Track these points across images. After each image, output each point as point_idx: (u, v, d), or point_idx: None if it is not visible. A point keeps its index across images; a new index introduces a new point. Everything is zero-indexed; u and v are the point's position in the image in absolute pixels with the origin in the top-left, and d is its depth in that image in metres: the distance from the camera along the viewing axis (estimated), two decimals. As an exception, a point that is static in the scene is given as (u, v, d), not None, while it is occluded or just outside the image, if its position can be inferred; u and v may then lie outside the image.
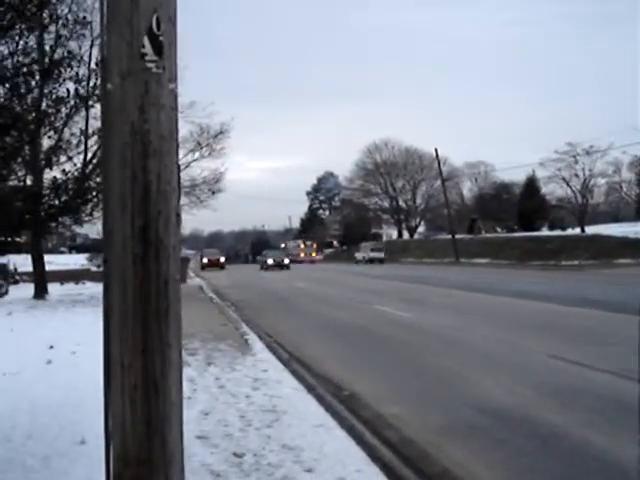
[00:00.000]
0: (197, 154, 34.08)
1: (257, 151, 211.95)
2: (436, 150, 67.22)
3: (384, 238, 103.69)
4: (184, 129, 32.23)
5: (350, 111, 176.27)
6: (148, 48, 2.91)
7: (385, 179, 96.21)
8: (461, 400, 8.39)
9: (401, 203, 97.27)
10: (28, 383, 8.85)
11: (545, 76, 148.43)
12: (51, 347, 11.86)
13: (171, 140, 3.01)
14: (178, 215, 3.08)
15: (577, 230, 65.31)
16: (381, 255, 69.59)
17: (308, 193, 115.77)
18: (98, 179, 18.12)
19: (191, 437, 6.37)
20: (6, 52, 7.43)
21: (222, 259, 69.78)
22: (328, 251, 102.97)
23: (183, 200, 34.90)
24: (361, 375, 10.20)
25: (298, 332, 15.37)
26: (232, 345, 12.63)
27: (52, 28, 13.62)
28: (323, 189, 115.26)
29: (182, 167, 32.87)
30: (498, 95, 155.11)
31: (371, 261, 67.93)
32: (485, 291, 24.21)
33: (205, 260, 68.93)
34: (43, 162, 19.02)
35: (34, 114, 8.32)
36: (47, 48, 12.56)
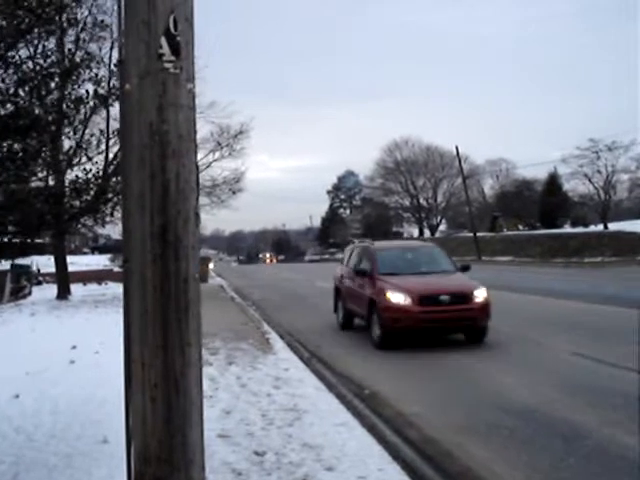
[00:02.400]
0: (217, 154, 34.17)
1: (278, 151, 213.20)
2: (457, 148, 66.80)
3: (405, 237, 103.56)
4: (204, 129, 32.36)
5: (371, 110, 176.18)
6: (165, 48, 2.92)
7: (406, 177, 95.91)
8: (484, 399, 8.36)
9: (422, 201, 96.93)
10: (51, 383, 8.92)
11: (567, 72, 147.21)
12: (74, 347, 11.94)
13: (189, 140, 3.02)
14: (197, 214, 3.09)
15: (600, 227, 64.62)
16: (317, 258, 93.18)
17: (329, 192, 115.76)
18: (119, 179, 18.25)
19: (212, 436, 6.40)
20: (25, 55, 7.51)
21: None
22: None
23: (204, 200, 35.07)
24: (382, 374, 10.18)
25: (318, 331, 15.37)
26: (253, 344, 12.65)
27: (71, 31, 13.75)
28: (344, 188, 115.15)
29: (203, 167, 33.05)
30: (519, 92, 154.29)
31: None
32: (508, 289, 23.99)
33: None
34: (64, 163, 19.17)
35: (54, 115, 8.38)
36: (66, 50, 12.68)
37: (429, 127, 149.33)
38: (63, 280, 26.03)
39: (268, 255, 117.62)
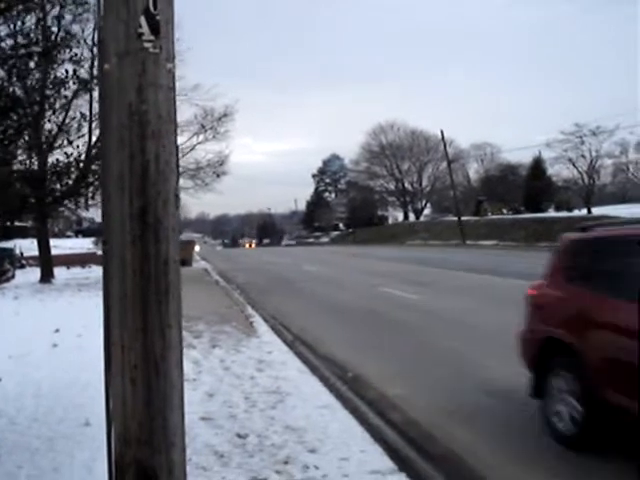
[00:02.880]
0: (201, 137, 33.94)
1: (263, 134, 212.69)
2: (442, 132, 67.06)
3: (390, 220, 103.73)
4: (188, 112, 32.15)
5: (355, 94, 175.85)
6: (145, 28, 2.89)
7: (391, 161, 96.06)
8: (467, 382, 8.41)
9: (407, 185, 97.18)
10: (34, 366, 8.89)
11: (552, 57, 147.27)
12: (57, 330, 11.90)
13: (169, 121, 2.98)
14: (177, 196, 3.06)
15: (584, 211, 64.98)
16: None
17: (314, 176, 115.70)
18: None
19: (195, 418, 6.41)
20: (3, 33, 7.36)
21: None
22: (334, 234, 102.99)
23: (187, 183, 34.86)
24: (366, 357, 10.21)
25: (304, 314, 15.38)
26: (237, 327, 12.66)
27: (52, 10, 13.53)
28: (329, 172, 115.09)
29: (187, 150, 32.85)
30: (504, 76, 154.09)
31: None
32: (492, 272, 24.16)
33: None
34: (45, 146, 18.98)
35: (35, 96, 8.26)
36: (47, 30, 12.43)
37: (414, 111, 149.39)
38: (46, 263, 25.89)
39: (247, 240, 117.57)
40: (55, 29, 14.46)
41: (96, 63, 17.11)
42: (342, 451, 5.55)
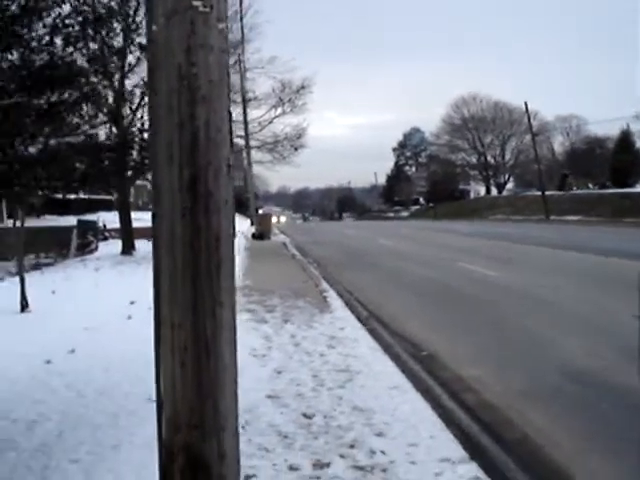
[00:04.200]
0: (279, 110, 33.93)
1: (346, 107, 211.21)
2: (526, 104, 65.10)
3: (471, 195, 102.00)
4: (266, 85, 32.20)
5: (438, 65, 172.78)
6: (194, -15, 2.68)
7: (473, 134, 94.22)
8: (545, 363, 8.03)
9: (489, 159, 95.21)
10: (107, 338, 8.97)
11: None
12: (132, 302, 12.02)
13: (221, 85, 2.78)
14: (229, 166, 2.86)
15: (675, 186, 62.31)
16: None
17: (394, 149, 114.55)
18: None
19: (262, 396, 6.30)
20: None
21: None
22: (414, 208, 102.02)
23: (266, 157, 34.94)
24: (442, 335, 9.93)
25: (378, 290, 15.14)
26: (311, 302, 12.53)
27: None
28: (409, 145, 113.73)
29: (265, 123, 32.90)
30: (592, 46, 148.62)
31: None
32: (576, 249, 23.31)
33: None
34: (106, 116, 18.88)
35: (93, 66, 8.18)
36: None
37: (498, 82, 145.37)
38: (128, 236, 26.39)
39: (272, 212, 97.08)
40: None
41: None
42: (411, 436, 5.31)
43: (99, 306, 11.91)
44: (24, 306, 11.95)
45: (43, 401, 6.23)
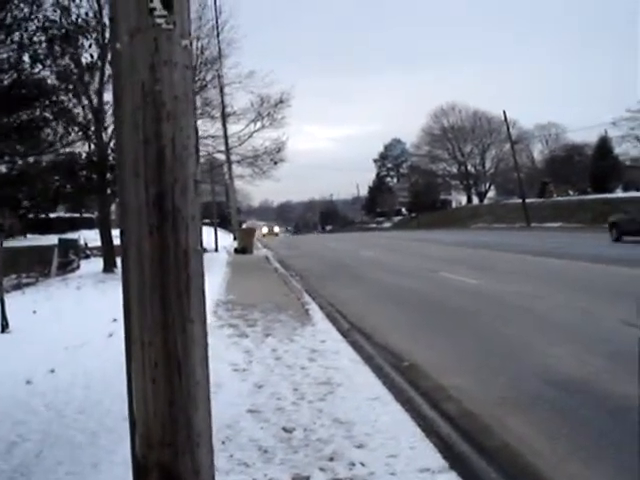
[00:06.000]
0: (258, 124, 33.94)
1: (326, 120, 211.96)
2: (504, 113, 65.71)
3: (453, 204, 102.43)
4: (244, 99, 32.23)
5: (417, 77, 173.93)
6: (157, 2, 2.71)
7: (453, 144, 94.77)
8: (527, 370, 8.05)
9: (470, 168, 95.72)
10: (88, 357, 8.90)
11: (618, 30, 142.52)
12: (114, 320, 11.93)
13: (186, 101, 2.79)
14: (197, 182, 2.87)
15: (654, 190, 62.77)
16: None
17: (375, 160, 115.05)
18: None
19: (242, 411, 6.28)
20: (21, 16, 7.17)
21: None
22: (397, 219, 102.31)
23: (246, 171, 34.91)
24: (424, 345, 9.94)
25: (360, 301, 15.14)
26: (292, 316, 12.51)
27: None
28: (390, 156, 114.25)
29: (244, 138, 32.89)
30: (569, 54, 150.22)
31: None
32: (557, 256, 23.47)
33: None
34: (76, 134, 18.67)
35: (60, 83, 8.15)
36: (66, 11, 11.78)
37: (476, 92, 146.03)
38: (109, 253, 26.22)
39: (264, 225, 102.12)
40: (75, 10, 13.79)
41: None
42: (391, 447, 5.31)
43: (80, 325, 11.83)
44: (4, 326, 11.86)
45: (23, 422, 6.17)
